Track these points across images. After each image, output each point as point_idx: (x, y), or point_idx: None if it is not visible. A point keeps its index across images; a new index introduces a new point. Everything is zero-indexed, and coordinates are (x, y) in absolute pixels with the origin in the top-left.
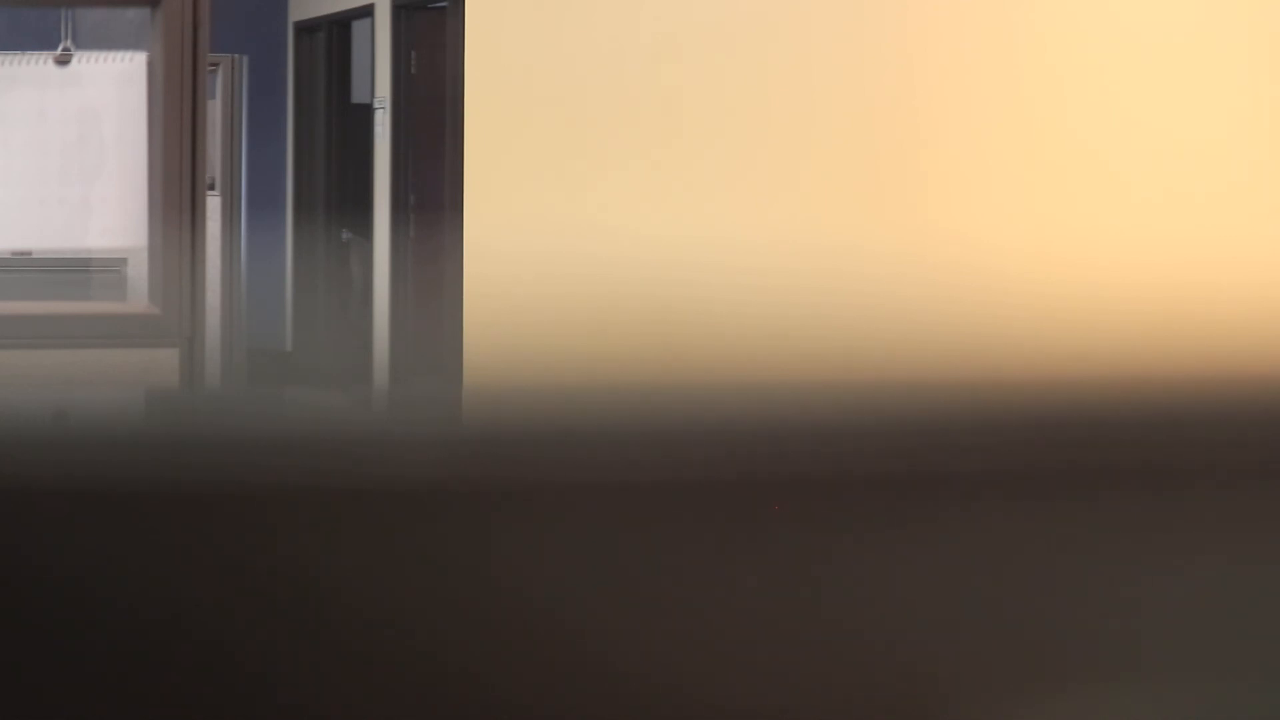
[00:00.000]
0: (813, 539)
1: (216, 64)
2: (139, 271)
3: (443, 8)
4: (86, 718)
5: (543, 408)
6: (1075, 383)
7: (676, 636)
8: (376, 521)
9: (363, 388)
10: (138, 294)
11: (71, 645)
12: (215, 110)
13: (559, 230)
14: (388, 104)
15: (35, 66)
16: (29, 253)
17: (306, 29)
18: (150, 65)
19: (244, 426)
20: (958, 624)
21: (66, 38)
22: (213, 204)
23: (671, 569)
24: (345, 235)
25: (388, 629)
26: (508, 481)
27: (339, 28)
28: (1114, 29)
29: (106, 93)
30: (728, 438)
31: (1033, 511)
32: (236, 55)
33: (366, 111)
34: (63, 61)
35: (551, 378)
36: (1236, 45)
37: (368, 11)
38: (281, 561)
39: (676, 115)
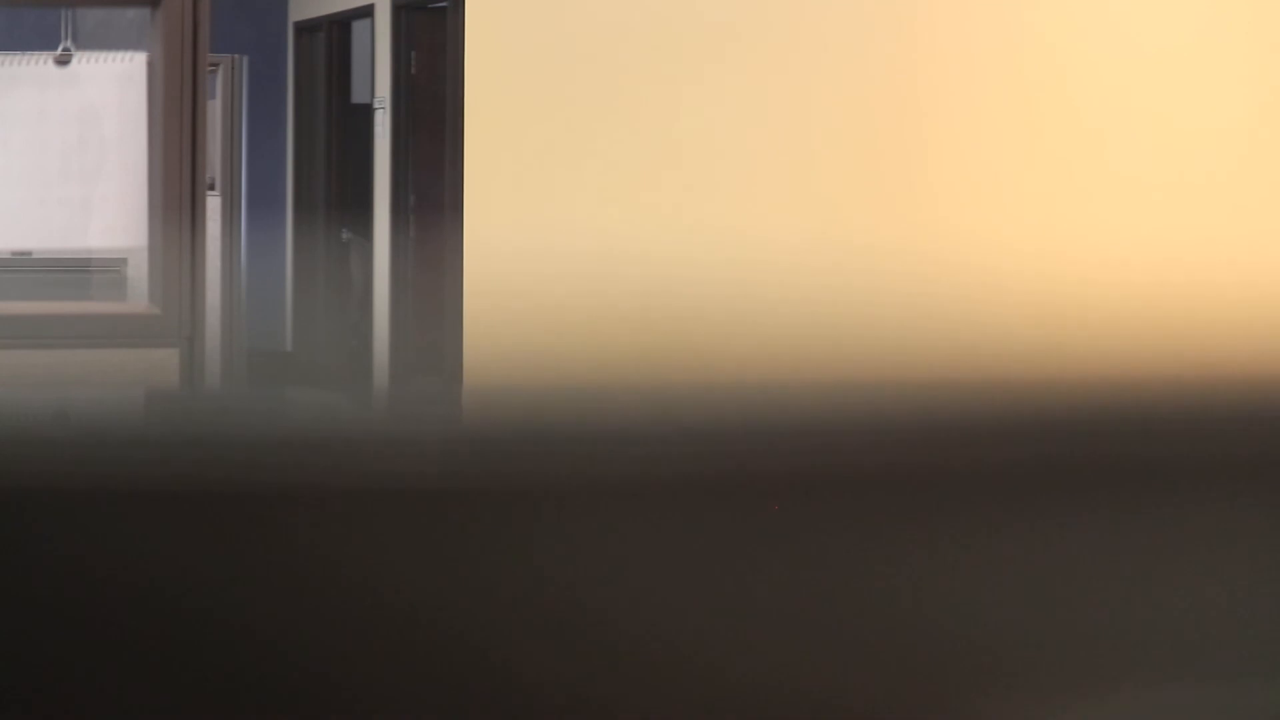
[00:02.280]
0: (813, 539)
1: (216, 64)
2: (139, 271)
3: (443, 8)
4: (88, 716)
5: (543, 408)
6: (1079, 383)
7: (676, 635)
8: (376, 521)
9: (363, 388)
10: (138, 294)
11: (72, 644)
12: (215, 110)
13: (559, 230)
14: (388, 104)
15: (35, 66)
16: (29, 253)
17: (306, 29)
18: (150, 65)
19: (244, 426)
20: (958, 623)
21: (66, 38)
22: (213, 204)
23: (671, 568)
24: (345, 235)
25: (387, 628)
26: (508, 481)
27: (339, 28)
28: (1121, 29)
29: (106, 93)
30: (728, 438)
31: (1033, 511)
32: (236, 55)
33: (366, 111)
34: (63, 61)
35: (551, 378)
36: (1243, 46)
37: (368, 11)
38: (281, 561)
39: (677, 115)
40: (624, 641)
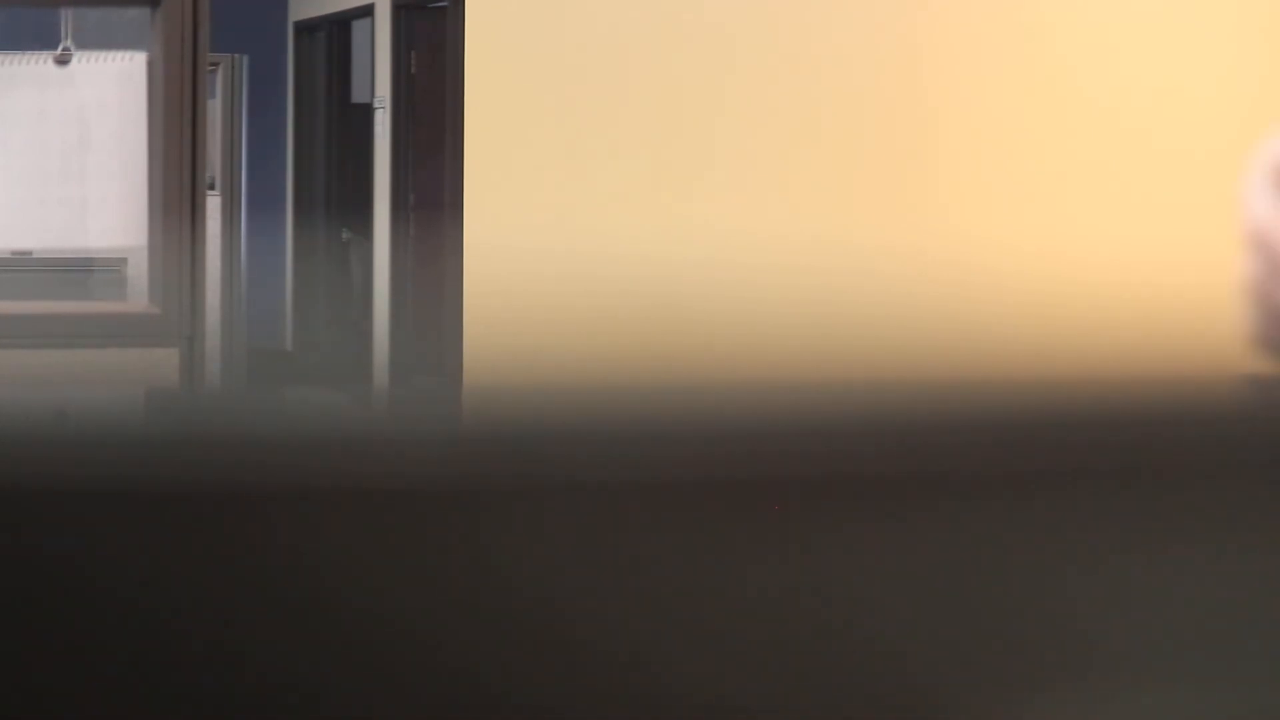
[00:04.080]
0: (813, 539)
1: (216, 64)
2: (139, 271)
3: (443, 8)
4: (87, 718)
5: (543, 408)
6: (1079, 382)
7: (676, 637)
8: (376, 521)
9: (363, 388)
10: (138, 294)
11: (72, 646)
12: (215, 110)
13: (559, 230)
14: (388, 104)
15: (35, 66)
16: (29, 253)
17: (306, 29)
18: (150, 65)
19: (244, 426)
20: (957, 625)
21: (66, 38)
22: (213, 204)
23: (671, 569)
24: (345, 235)
25: (387, 629)
26: (508, 481)
27: (339, 27)
28: (1124, 33)
29: (106, 92)
30: (728, 438)
31: (1033, 512)
32: (236, 55)
33: (366, 111)
34: (63, 61)
35: (551, 378)
36: (1246, 50)
37: (368, 11)
38: (281, 561)
39: (676, 115)
40: (624, 643)
